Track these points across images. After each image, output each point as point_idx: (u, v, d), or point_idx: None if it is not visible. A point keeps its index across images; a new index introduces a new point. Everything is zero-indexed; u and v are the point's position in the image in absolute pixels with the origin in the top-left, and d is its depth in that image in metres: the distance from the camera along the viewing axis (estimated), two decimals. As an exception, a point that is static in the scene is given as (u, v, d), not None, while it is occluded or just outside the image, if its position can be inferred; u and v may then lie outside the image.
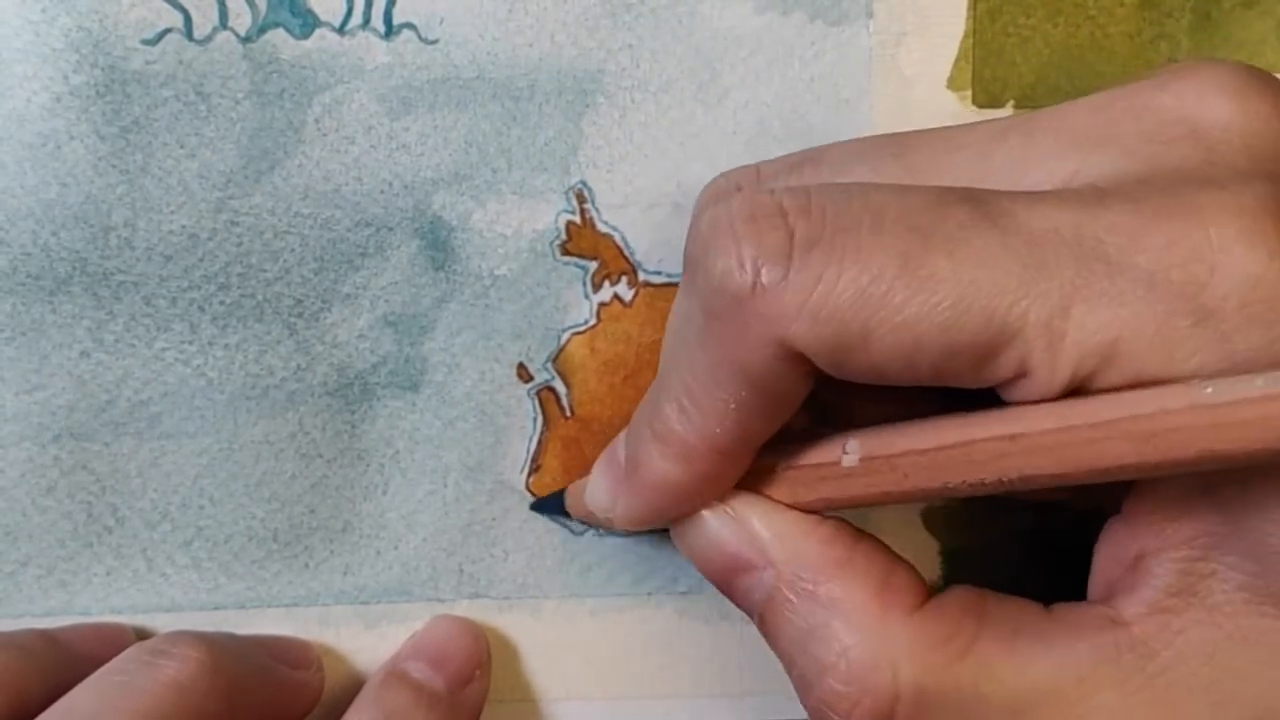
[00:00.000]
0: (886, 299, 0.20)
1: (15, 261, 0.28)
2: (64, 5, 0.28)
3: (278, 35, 0.28)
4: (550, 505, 0.30)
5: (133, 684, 0.25)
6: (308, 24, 0.28)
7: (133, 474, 0.29)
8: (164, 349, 0.29)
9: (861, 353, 0.21)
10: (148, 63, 0.28)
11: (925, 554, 0.31)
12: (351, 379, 0.29)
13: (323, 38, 0.28)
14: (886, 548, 0.24)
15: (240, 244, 0.29)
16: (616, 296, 0.30)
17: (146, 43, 0.28)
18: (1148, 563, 0.22)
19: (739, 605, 0.25)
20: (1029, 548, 0.31)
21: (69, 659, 0.27)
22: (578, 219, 0.29)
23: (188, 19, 0.28)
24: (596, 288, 0.30)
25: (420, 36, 0.29)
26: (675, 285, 0.30)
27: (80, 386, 0.29)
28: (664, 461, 0.23)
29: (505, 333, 0.29)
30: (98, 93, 0.28)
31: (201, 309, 0.29)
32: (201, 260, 0.29)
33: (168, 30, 0.28)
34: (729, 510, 0.24)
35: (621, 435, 0.26)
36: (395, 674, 0.29)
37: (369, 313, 0.29)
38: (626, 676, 0.31)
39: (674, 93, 0.29)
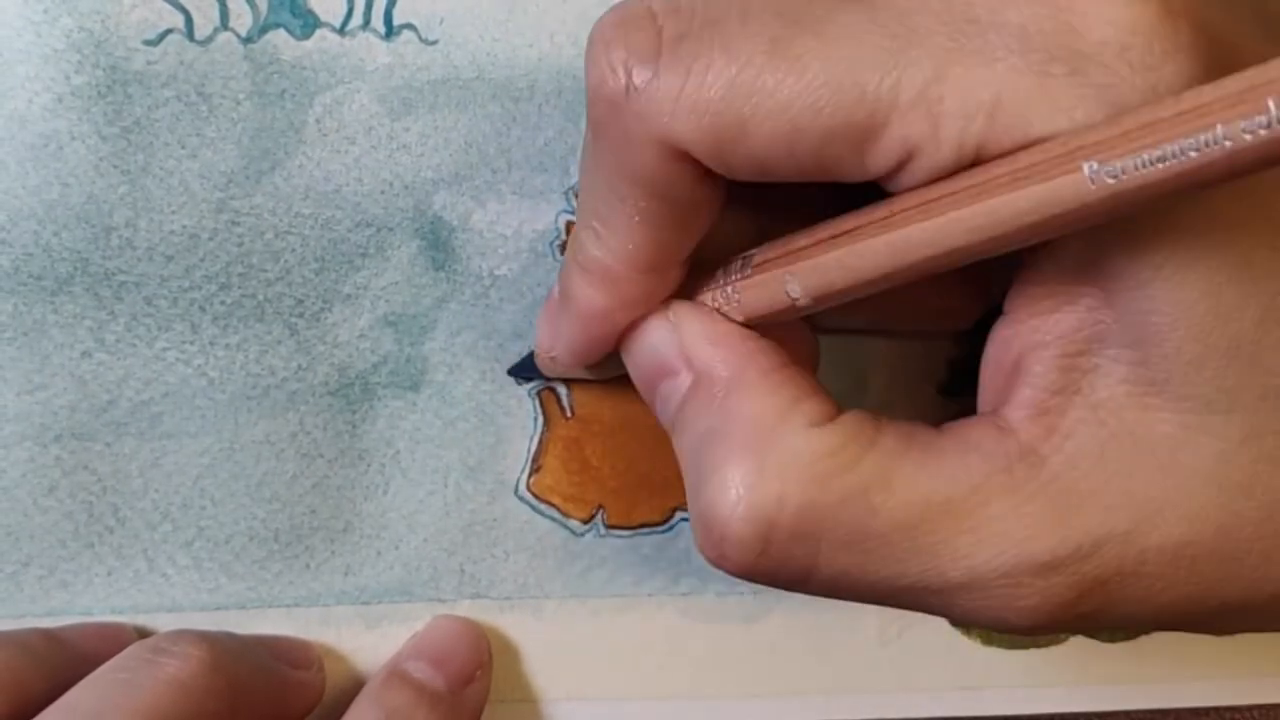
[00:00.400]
0: (758, 85, 0.20)
1: (17, 262, 0.28)
2: (66, 6, 0.28)
3: (278, 36, 0.28)
4: (524, 369, 0.30)
5: (133, 682, 0.25)
6: (308, 25, 0.28)
7: (134, 474, 0.29)
8: (165, 349, 0.29)
9: (741, 144, 0.20)
10: (149, 63, 0.28)
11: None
12: (352, 379, 0.29)
13: (323, 38, 0.28)
14: (813, 379, 0.23)
15: (241, 244, 0.29)
16: (617, 296, 0.30)
17: (148, 43, 0.28)
18: (1028, 362, 0.21)
19: (660, 416, 0.25)
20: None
21: (71, 658, 0.27)
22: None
23: (189, 20, 0.28)
24: (597, 288, 0.30)
25: (420, 37, 0.29)
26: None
27: (82, 386, 0.29)
28: (589, 288, 0.24)
29: (506, 333, 0.30)
30: (99, 93, 0.28)
31: (203, 309, 0.29)
32: (203, 260, 0.29)
33: (169, 31, 0.28)
34: (669, 317, 0.24)
35: (558, 280, 0.26)
36: (396, 674, 0.29)
37: (370, 313, 0.29)
38: (627, 677, 0.31)
39: (674, 93, 0.29)
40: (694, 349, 0.23)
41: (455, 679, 0.29)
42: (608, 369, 0.26)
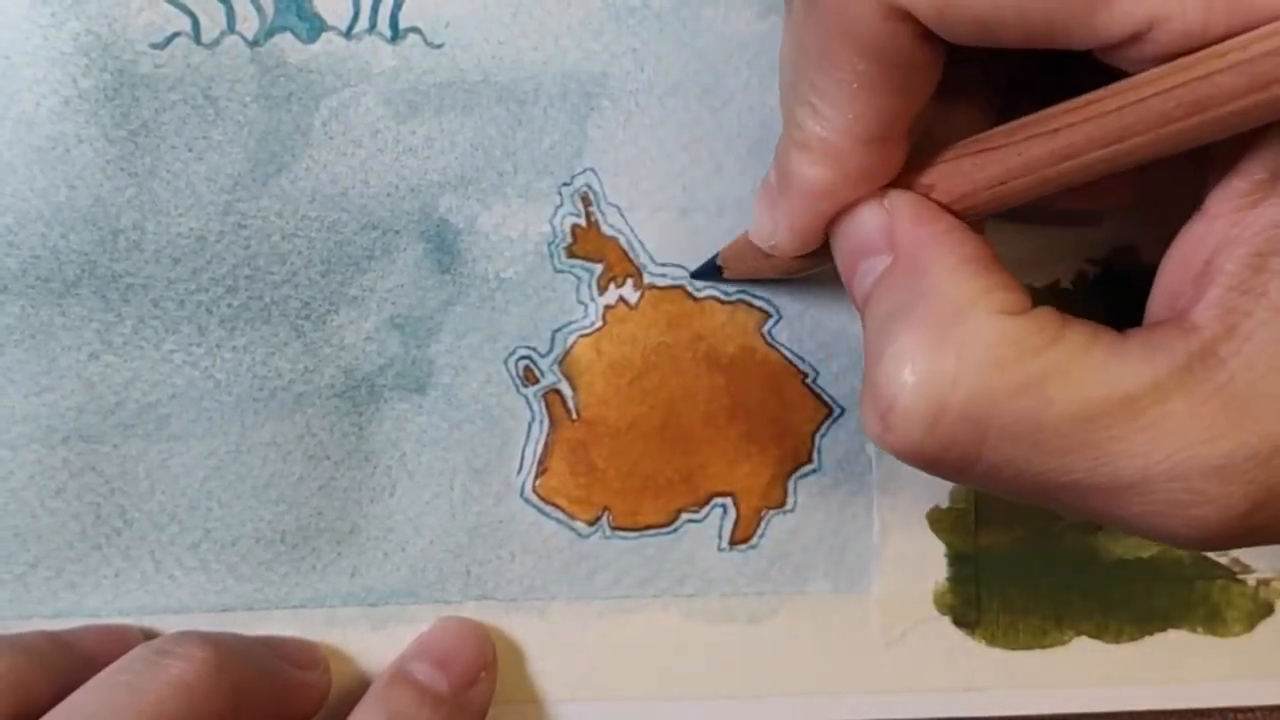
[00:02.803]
0: None
1: (24, 264, 0.28)
2: (73, 10, 0.28)
3: (285, 39, 0.28)
4: (706, 270, 0.29)
5: (137, 684, 0.25)
6: (315, 28, 0.29)
7: (141, 476, 0.29)
8: (172, 351, 0.29)
9: (966, 3, 0.20)
10: (156, 66, 0.28)
11: (932, 557, 0.31)
12: (359, 381, 0.29)
13: (329, 42, 0.29)
14: (1012, 276, 0.22)
15: (248, 247, 0.29)
16: (622, 299, 0.30)
17: (155, 47, 0.28)
18: (1219, 260, 0.21)
19: (853, 295, 0.24)
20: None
21: (76, 660, 0.27)
22: (583, 221, 0.29)
23: (195, 23, 0.28)
24: (602, 290, 0.30)
25: (426, 40, 0.29)
26: (681, 287, 0.30)
27: (89, 389, 0.29)
28: (811, 166, 0.23)
29: (511, 335, 0.30)
30: (106, 96, 0.28)
31: (209, 311, 0.29)
32: (209, 263, 0.29)
33: (176, 34, 0.28)
34: (884, 202, 0.23)
35: (772, 168, 0.25)
36: (400, 675, 0.29)
37: (376, 315, 0.29)
38: (632, 678, 0.31)
39: (678, 96, 0.29)
40: (901, 229, 0.23)
41: (459, 680, 0.29)
42: (818, 260, 0.26)
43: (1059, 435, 0.20)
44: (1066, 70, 0.21)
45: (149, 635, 0.30)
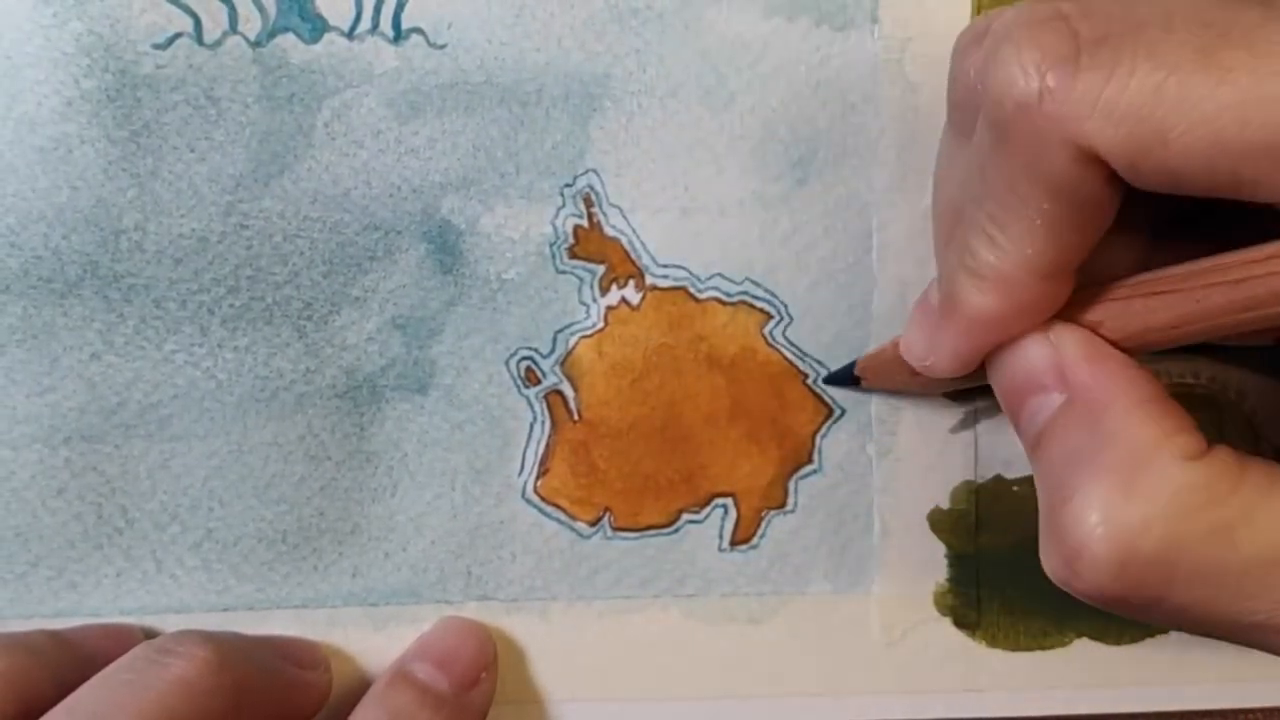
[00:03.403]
0: (1184, 93, 0.19)
1: (26, 264, 0.28)
2: (75, 10, 0.28)
3: (287, 40, 0.28)
4: (842, 377, 0.30)
5: (139, 682, 0.25)
6: (317, 29, 0.29)
7: (143, 476, 0.29)
8: (174, 351, 0.29)
9: (1159, 152, 0.20)
10: (158, 67, 0.28)
11: (932, 558, 0.31)
12: (360, 382, 0.30)
13: (332, 42, 0.29)
14: (1188, 415, 0.22)
15: (250, 247, 0.29)
16: (624, 300, 0.30)
17: (157, 47, 0.28)
18: None
19: (1020, 432, 0.24)
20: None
21: (77, 659, 0.28)
22: (585, 223, 0.29)
23: (198, 24, 0.28)
24: (604, 291, 0.30)
25: (428, 41, 0.29)
26: (683, 289, 0.30)
27: (91, 389, 0.29)
28: (982, 295, 0.23)
29: (513, 336, 0.30)
30: (109, 97, 0.28)
31: (211, 312, 0.29)
32: (211, 263, 0.29)
33: (178, 35, 0.28)
34: (1050, 336, 0.24)
35: (931, 284, 0.26)
36: (401, 674, 0.29)
37: (378, 316, 0.29)
38: (633, 678, 0.31)
39: (681, 98, 0.29)
40: (1072, 368, 0.23)
41: (460, 680, 0.29)
42: (968, 381, 0.26)
43: (1245, 579, 0.21)
44: (1221, 206, 0.21)
45: (150, 635, 0.30)
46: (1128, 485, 0.21)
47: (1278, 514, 0.21)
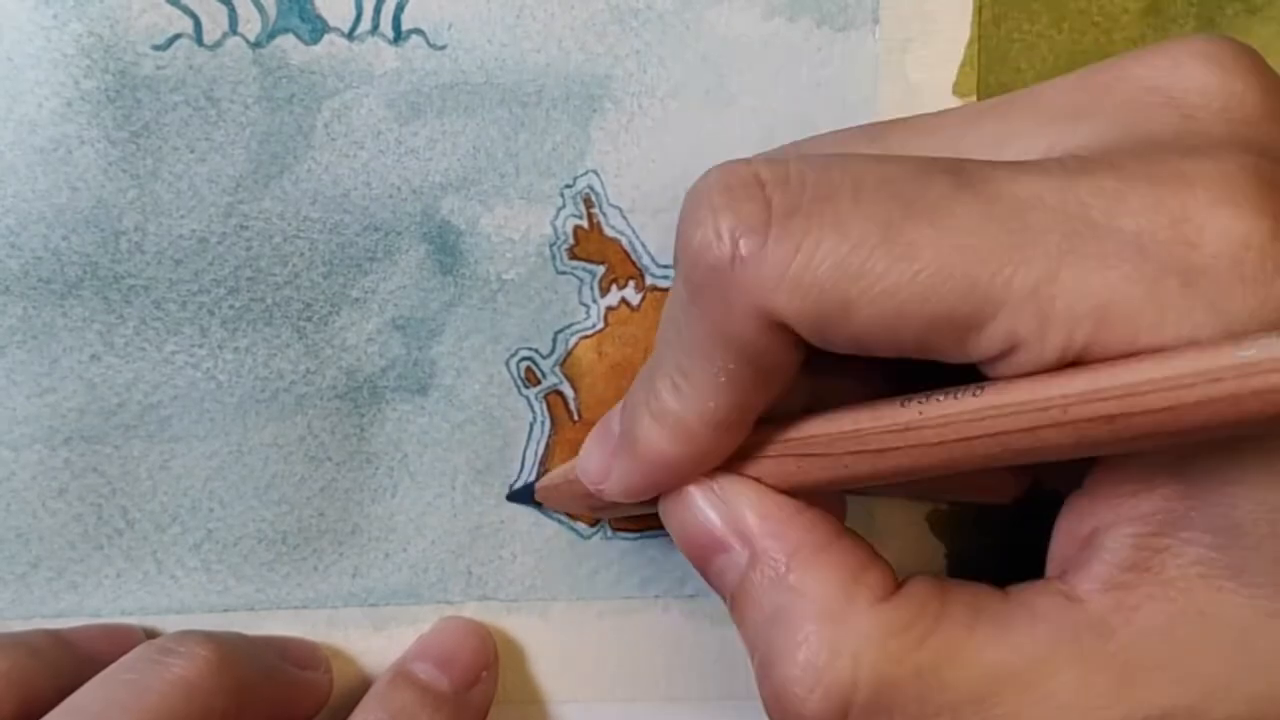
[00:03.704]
0: (867, 267, 0.20)
1: (26, 265, 0.28)
2: (75, 11, 0.28)
3: (287, 40, 0.28)
4: (522, 496, 0.30)
5: (140, 683, 0.25)
6: (317, 29, 0.28)
7: (143, 477, 0.29)
8: (174, 352, 0.29)
9: (843, 323, 0.20)
10: (158, 68, 0.28)
11: (932, 558, 0.31)
12: (360, 382, 0.30)
13: (332, 43, 0.29)
14: (868, 545, 0.23)
15: (250, 248, 0.29)
16: (624, 300, 0.30)
17: (157, 48, 0.28)
18: (1101, 538, 0.21)
19: (713, 586, 0.25)
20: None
21: (77, 659, 0.28)
22: (586, 223, 0.29)
23: (198, 24, 0.28)
24: (604, 292, 0.30)
25: (429, 42, 0.29)
26: (682, 290, 0.30)
27: (91, 390, 0.29)
28: (660, 439, 0.23)
29: (513, 336, 0.30)
30: (108, 98, 0.28)
31: (211, 313, 0.29)
32: (211, 264, 0.29)
33: (178, 35, 0.28)
34: (715, 489, 0.24)
35: (616, 408, 0.26)
36: (401, 674, 0.29)
37: (378, 316, 0.29)
38: (633, 679, 0.31)
39: (681, 98, 0.29)
40: (747, 525, 0.23)
41: (460, 680, 0.29)
42: (646, 508, 0.26)
43: (957, 715, 0.21)
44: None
45: (150, 635, 0.30)
46: (831, 642, 0.21)
47: (979, 649, 0.21)
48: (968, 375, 0.21)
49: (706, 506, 0.24)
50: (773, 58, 0.29)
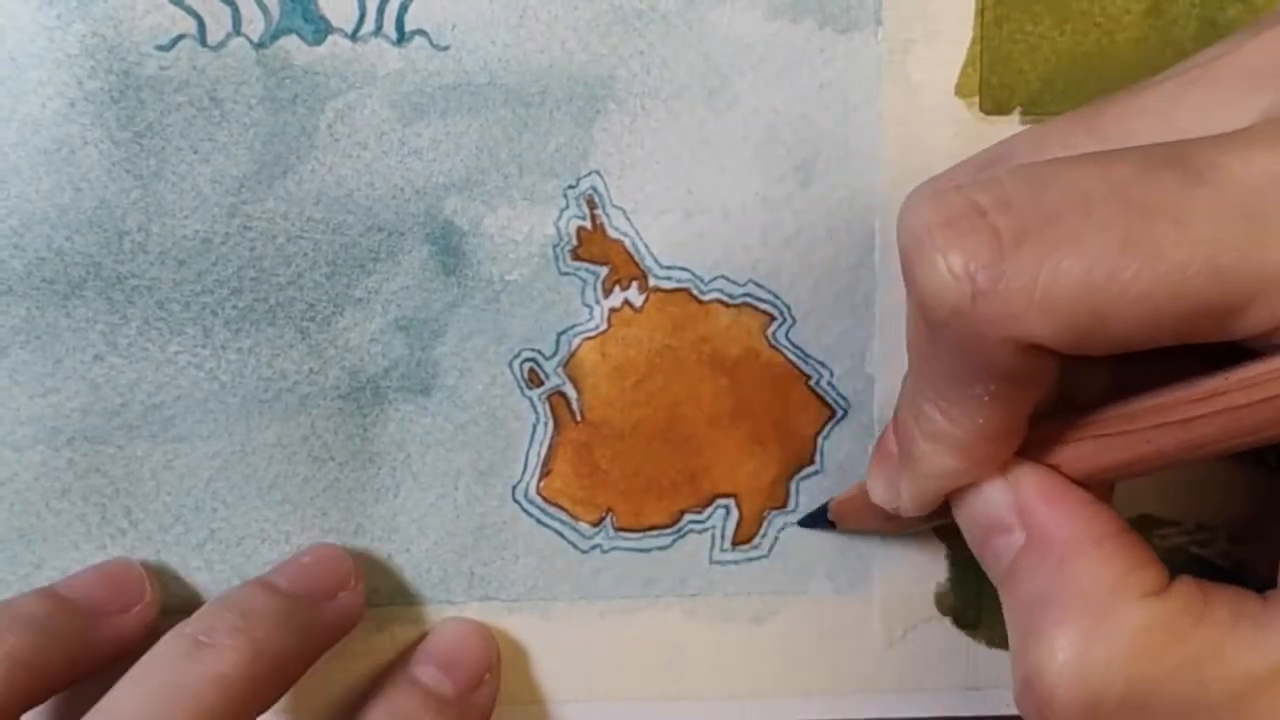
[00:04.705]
0: (1114, 278, 0.19)
1: (30, 266, 0.28)
2: (79, 12, 0.28)
3: (291, 41, 0.28)
4: (818, 520, 0.30)
5: (176, 683, 0.25)
6: (320, 30, 0.29)
7: (146, 477, 0.29)
8: (177, 353, 0.29)
9: (1100, 333, 0.20)
10: (162, 68, 0.28)
11: (933, 558, 0.31)
12: (363, 383, 0.30)
13: (335, 44, 0.29)
14: (1145, 545, 0.23)
15: (253, 249, 0.29)
16: (627, 302, 0.30)
17: (160, 49, 0.28)
18: None
19: (987, 568, 0.25)
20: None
21: (80, 618, 0.27)
22: (589, 224, 0.29)
23: (201, 25, 0.28)
24: (607, 293, 0.30)
25: (432, 43, 0.29)
26: (686, 290, 0.30)
27: (94, 390, 0.29)
28: (939, 455, 0.23)
29: (516, 337, 0.30)
30: (112, 98, 0.28)
31: (214, 313, 0.29)
32: (214, 265, 0.29)
33: (181, 36, 0.28)
34: (1007, 479, 0.24)
35: (888, 430, 0.26)
36: (405, 678, 0.29)
37: (381, 317, 0.29)
38: (635, 678, 0.31)
39: (684, 99, 0.29)
40: (1030, 508, 0.23)
41: (464, 683, 0.29)
42: (940, 516, 0.26)
43: (1215, 715, 0.21)
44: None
45: (148, 569, 0.29)
46: (1090, 628, 0.21)
47: (1244, 647, 0.21)
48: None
49: (995, 492, 0.24)
50: (776, 59, 0.29)
